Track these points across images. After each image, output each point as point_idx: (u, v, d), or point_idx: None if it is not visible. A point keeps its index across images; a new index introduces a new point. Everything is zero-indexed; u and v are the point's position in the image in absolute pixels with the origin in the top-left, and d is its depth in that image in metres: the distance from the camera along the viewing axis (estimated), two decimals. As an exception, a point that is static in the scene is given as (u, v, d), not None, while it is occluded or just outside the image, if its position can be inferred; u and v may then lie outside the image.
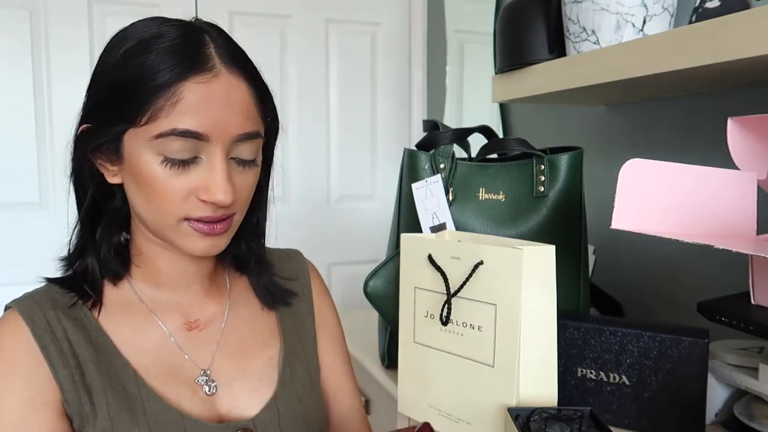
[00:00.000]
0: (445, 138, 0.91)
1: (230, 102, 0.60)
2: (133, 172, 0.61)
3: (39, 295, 0.66)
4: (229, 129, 0.60)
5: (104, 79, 0.61)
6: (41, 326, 0.63)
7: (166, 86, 0.58)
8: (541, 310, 0.66)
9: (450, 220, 0.88)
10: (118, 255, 0.68)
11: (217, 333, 0.70)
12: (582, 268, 0.89)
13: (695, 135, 1.02)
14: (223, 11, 1.78)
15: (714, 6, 0.75)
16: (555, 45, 0.96)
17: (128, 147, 0.61)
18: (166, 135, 0.58)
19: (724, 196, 0.70)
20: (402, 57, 2.06)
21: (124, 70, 0.59)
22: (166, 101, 0.58)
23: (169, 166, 0.59)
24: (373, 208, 2.04)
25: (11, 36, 1.63)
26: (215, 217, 0.62)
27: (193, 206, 0.61)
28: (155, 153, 0.59)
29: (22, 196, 1.68)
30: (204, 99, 0.59)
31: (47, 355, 0.61)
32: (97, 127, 0.61)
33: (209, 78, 0.59)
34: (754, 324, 0.66)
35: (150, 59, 0.59)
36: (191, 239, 0.62)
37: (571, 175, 0.88)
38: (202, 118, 0.58)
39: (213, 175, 0.60)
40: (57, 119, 1.69)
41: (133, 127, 0.59)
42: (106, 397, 0.62)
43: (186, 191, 0.60)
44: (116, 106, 0.60)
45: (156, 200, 0.61)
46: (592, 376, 0.77)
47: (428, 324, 0.74)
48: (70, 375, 0.62)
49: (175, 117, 0.58)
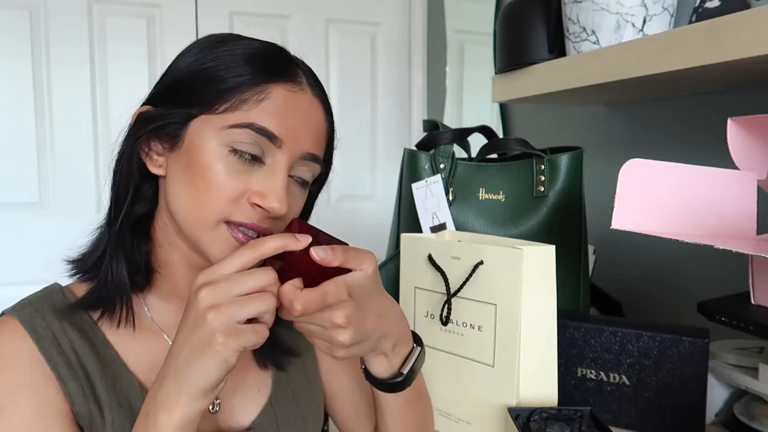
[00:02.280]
0: (445, 138, 0.91)
1: (309, 118, 0.60)
2: (190, 160, 0.58)
3: (39, 301, 0.62)
4: (302, 143, 0.59)
5: (187, 63, 0.60)
6: (46, 338, 0.59)
7: (257, 81, 0.57)
8: (541, 310, 0.66)
9: (450, 220, 0.88)
10: (144, 266, 0.64)
11: None
12: (582, 268, 0.89)
13: (695, 135, 1.02)
14: (224, 11, 1.78)
15: (714, 6, 0.75)
16: (555, 45, 0.96)
17: (193, 133, 0.58)
18: (243, 127, 0.56)
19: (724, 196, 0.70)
20: (402, 57, 2.06)
21: (214, 56, 0.59)
22: (252, 95, 0.57)
23: (233, 160, 0.57)
24: (373, 208, 2.04)
25: (11, 36, 1.63)
26: (258, 228, 0.58)
27: (241, 209, 0.57)
28: (223, 143, 0.57)
29: (22, 196, 1.68)
30: (289, 106, 0.58)
31: (55, 368, 0.58)
32: (163, 109, 0.59)
33: (297, 89, 0.59)
34: (754, 324, 0.66)
35: (244, 53, 0.59)
36: (223, 245, 0.58)
37: (571, 175, 0.88)
38: (282, 122, 0.58)
39: (275, 182, 0.57)
40: (57, 119, 1.69)
41: (208, 113, 0.57)
42: (112, 413, 0.60)
43: (240, 191, 0.57)
44: (195, 89, 0.58)
45: (204, 193, 0.57)
46: (592, 376, 0.77)
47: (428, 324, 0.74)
48: (80, 388, 0.59)
49: (257, 113, 0.57)
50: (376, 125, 2.05)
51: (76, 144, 1.71)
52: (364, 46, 2.01)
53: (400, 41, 2.05)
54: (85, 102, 1.71)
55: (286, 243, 0.52)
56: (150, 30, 1.76)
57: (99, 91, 1.73)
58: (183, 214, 0.60)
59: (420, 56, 2.06)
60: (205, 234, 0.58)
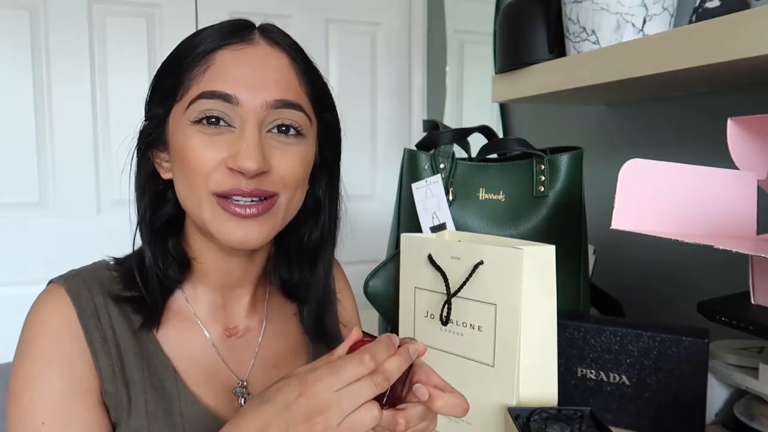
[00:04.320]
0: (445, 138, 0.91)
1: (265, 66, 0.59)
2: (175, 152, 0.60)
3: (88, 274, 0.63)
4: (262, 93, 0.58)
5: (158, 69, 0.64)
6: (88, 310, 0.60)
7: (201, 56, 0.59)
8: (541, 310, 0.66)
9: (450, 220, 0.88)
10: (178, 262, 0.66)
11: (255, 343, 0.70)
12: (582, 268, 0.89)
13: (695, 135, 1.02)
14: (224, 11, 1.78)
15: (714, 6, 0.75)
16: (555, 45, 0.96)
17: (171, 129, 0.61)
18: (195, 100, 0.58)
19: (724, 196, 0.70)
20: (402, 57, 2.06)
21: (175, 52, 0.62)
22: (199, 70, 0.58)
23: (202, 134, 0.58)
24: (373, 208, 2.04)
25: (11, 36, 1.63)
26: (246, 192, 0.57)
27: (219, 177, 0.57)
28: (188, 124, 0.59)
29: (22, 196, 1.68)
30: (236, 63, 0.58)
31: (91, 341, 0.59)
32: (150, 119, 0.62)
33: (245, 46, 0.60)
34: (754, 324, 0.66)
35: (194, 40, 0.60)
36: (224, 224, 0.58)
37: (571, 175, 0.88)
38: (230, 80, 0.57)
39: (242, 140, 0.56)
40: (57, 119, 1.69)
41: (175, 105, 0.60)
42: (144, 393, 0.60)
43: (217, 160, 0.57)
44: (162, 89, 0.61)
45: (189, 175, 0.58)
46: (592, 376, 0.77)
47: (428, 324, 0.74)
48: (110, 366, 0.60)
49: (205, 82, 0.58)
50: (376, 125, 2.05)
51: (76, 144, 1.71)
52: (364, 46, 2.01)
53: (400, 41, 2.05)
54: (85, 102, 1.71)
55: (405, 362, 0.49)
56: (150, 30, 1.76)
57: (99, 90, 1.73)
58: (184, 204, 0.62)
59: (420, 56, 2.06)
60: (202, 213, 0.59)
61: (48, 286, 0.63)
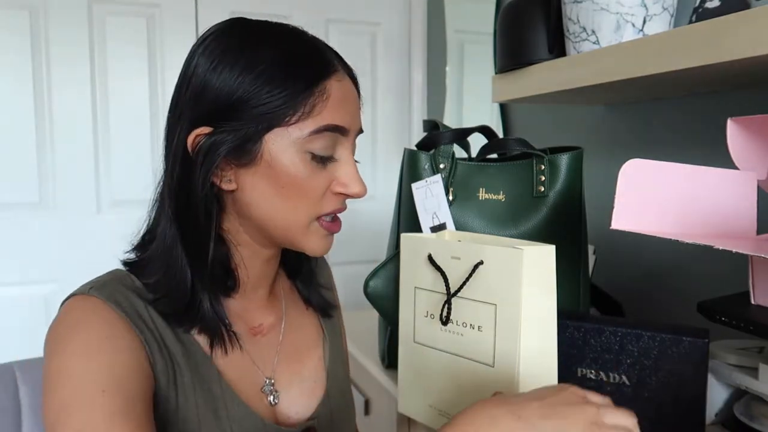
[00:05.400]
0: (445, 138, 0.91)
1: (355, 100, 0.64)
2: (273, 173, 0.59)
3: (114, 282, 0.60)
4: (357, 124, 0.64)
5: (233, 78, 0.58)
6: (133, 314, 0.58)
7: (316, 83, 0.59)
8: (541, 310, 0.66)
9: (450, 220, 0.88)
10: (230, 271, 0.65)
11: (276, 340, 0.71)
12: (582, 268, 0.89)
13: (695, 135, 1.02)
14: (224, 11, 1.78)
15: (714, 6, 0.75)
16: (555, 45, 0.96)
17: (270, 147, 0.59)
18: (320, 131, 0.59)
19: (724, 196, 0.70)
20: (402, 57, 2.06)
21: (262, 68, 0.58)
22: (317, 99, 0.59)
23: (313, 164, 0.60)
24: (373, 208, 2.04)
25: (11, 36, 1.63)
26: (342, 209, 0.65)
27: (328, 202, 0.63)
28: (302, 151, 0.59)
29: (22, 196, 1.68)
30: (344, 95, 0.62)
31: (145, 340, 0.57)
32: (226, 131, 0.58)
33: (341, 77, 0.62)
34: (754, 324, 0.66)
35: (291, 57, 0.59)
36: (317, 238, 0.64)
37: (571, 175, 0.88)
38: (344, 113, 0.61)
39: (350, 169, 0.63)
40: (57, 119, 1.69)
41: (281, 126, 0.58)
42: (195, 397, 0.60)
43: (325, 188, 0.62)
44: (260, 106, 0.57)
45: (296, 200, 0.61)
46: (592, 376, 0.77)
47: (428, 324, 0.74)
48: (165, 369, 0.58)
49: (327, 113, 0.60)
50: (376, 125, 2.05)
51: (76, 144, 1.71)
52: (364, 46, 2.01)
53: (400, 41, 2.05)
54: (85, 102, 1.71)
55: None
56: (150, 30, 1.76)
57: (99, 90, 1.73)
58: (275, 221, 0.62)
59: (420, 56, 2.06)
60: (300, 233, 0.63)
61: (68, 301, 0.58)
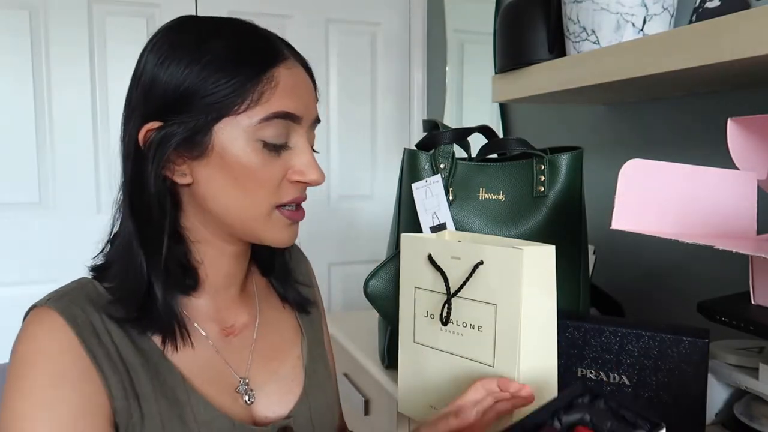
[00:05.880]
0: (445, 138, 0.91)
1: (308, 87, 0.64)
2: (225, 164, 0.59)
3: (74, 292, 0.60)
4: (311, 112, 0.63)
5: (180, 71, 0.58)
6: (86, 329, 0.58)
7: (264, 70, 0.59)
8: (541, 310, 0.66)
9: (450, 220, 0.88)
10: (189, 269, 0.64)
11: (250, 339, 0.70)
12: (582, 268, 0.89)
13: (695, 135, 1.02)
14: (223, 11, 1.78)
15: (714, 6, 0.75)
16: (555, 45, 0.96)
17: (219, 138, 0.59)
18: (269, 119, 0.59)
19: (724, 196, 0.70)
20: (402, 57, 2.06)
21: (209, 58, 0.58)
22: (266, 86, 0.59)
23: (266, 153, 0.60)
24: (373, 208, 2.04)
25: (11, 36, 1.63)
26: (302, 198, 0.64)
27: (286, 191, 0.62)
28: (253, 140, 0.59)
29: (22, 196, 1.68)
30: (295, 82, 0.61)
31: (96, 360, 0.57)
32: (176, 123, 0.58)
33: (291, 65, 0.62)
34: (754, 324, 0.66)
35: (239, 46, 0.59)
36: (280, 228, 0.63)
37: (571, 175, 0.88)
38: (296, 100, 0.61)
39: (306, 156, 0.62)
40: (57, 119, 1.69)
41: (230, 115, 0.58)
42: (157, 404, 0.59)
43: (281, 176, 0.61)
44: (208, 97, 0.58)
45: (252, 190, 0.60)
46: (592, 376, 0.77)
47: (428, 324, 0.74)
48: (120, 382, 0.58)
49: (276, 100, 0.59)
50: (376, 125, 2.05)
51: (76, 144, 1.71)
52: (364, 46, 2.01)
53: (400, 41, 2.05)
54: (85, 102, 1.71)
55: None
56: (150, 30, 1.76)
57: (99, 90, 1.73)
58: (234, 213, 0.62)
59: (420, 56, 2.06)
60: (261, 224, 0.62)
61: (31, 311, 0.59)
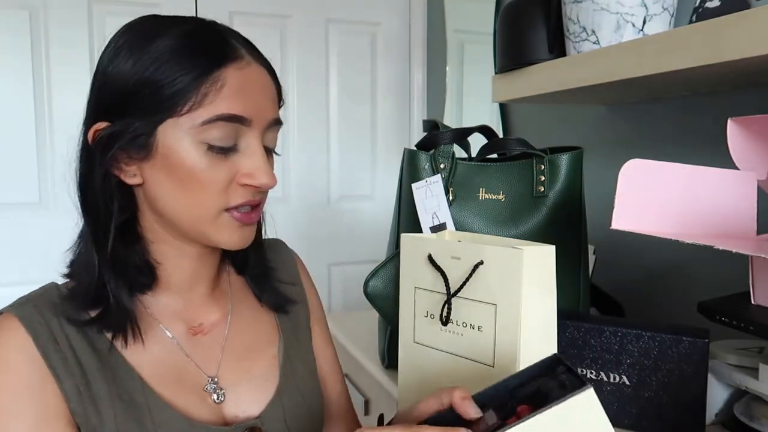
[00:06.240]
0: (445, 138, 0.91)
1: (263, 88, 0.62)
2: (170, 165, 0.59)
3: (37, 298, 0.62)
4: (265, 114, 0.62)
5: (127, 70, 0.59)
6: (43, 334, 0.59)
7: (209, 71, 0.58)
8: (541, 310, 0.66)
9: (450, 220, 0.88)
10: (144, 268, 0.64)
11: (221, 338, 0.69)
12: (582, 268, 0.89)
13: (695, 135, 1.02)
14: (223, 11, 1.78)
15: (714, 6, 0.75)
16: (555, 45, 0.96)
17: (164, 139, 0.58)
18: (213, 121, 0.58)
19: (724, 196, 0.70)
20: (402, 57, 2.06)
21: (153, 57, 0.58)
22: (210, 87, 0.58)
23: (212, 155, 0.59)
24: (373, 208, 2.04)
25: (11, 36, 1.63)
26: (254, 202, 0.62)
27: (235, 193, 0.61)
28: (197, 142, 0.58)
29: (22, 196, 1.68)
30: (244, 84, 0.60)
31: (51, 365, 0.58)
32: (122, 123, 0.59)
33: (244, 65, 0.60)
34: (754, 324, 0.66)
35: (184, 46, 0.59)
36: (230, 231, 0.62)
37: (571, 175, 0.88)
38: (245, 102, 0.59)
39: (256, 159, 0.60)
40: (57, 119, 1.69)
41: (174, 116, 0.58)
42: (113, 407, 0.60)
43: (229, 179, 0.60)
44: (151, 97, 0.58)
45: (198, 192, 0.59)
46: (592, 376, 0.77)
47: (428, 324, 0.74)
48: (75, 386, 0.59)
49: (221, 102, 0.58)
50: (376, 125, 2.05)
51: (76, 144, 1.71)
52: (364, 46, 2.01)
53: (400, 41, 2.05)
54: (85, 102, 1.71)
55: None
56: (150, 30, 1.76)
57: (99, 91, 1.73)
58: (181, 215, 0.61)
59: (420, 56, 2.06)
60: (209, 226, 0.61)
61: None
